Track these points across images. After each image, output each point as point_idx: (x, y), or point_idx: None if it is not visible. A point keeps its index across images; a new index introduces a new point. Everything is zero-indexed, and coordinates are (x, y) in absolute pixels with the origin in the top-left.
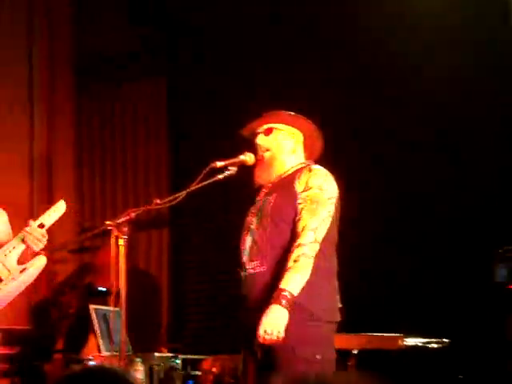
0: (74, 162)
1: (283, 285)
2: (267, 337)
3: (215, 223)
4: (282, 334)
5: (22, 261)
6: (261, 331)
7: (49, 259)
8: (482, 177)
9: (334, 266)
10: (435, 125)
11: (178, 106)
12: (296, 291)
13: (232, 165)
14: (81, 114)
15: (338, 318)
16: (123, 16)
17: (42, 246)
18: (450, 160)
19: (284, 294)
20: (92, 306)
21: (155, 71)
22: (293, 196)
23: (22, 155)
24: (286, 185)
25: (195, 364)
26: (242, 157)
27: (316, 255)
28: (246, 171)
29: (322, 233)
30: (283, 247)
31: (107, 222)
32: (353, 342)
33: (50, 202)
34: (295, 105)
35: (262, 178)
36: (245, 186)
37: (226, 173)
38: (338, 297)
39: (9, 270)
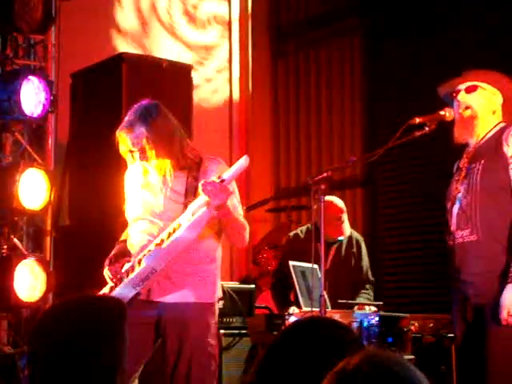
0: (271, 124)
1: None
2: (511, 319)
3: (411, 182)
4: None
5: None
6: (504, 314)
7: (248, 218)
8: None
9: None
10: None
11: (372, 67)
12: None
13: (431, 121)
14: (276, 77)
15: None
16: None
17: (218, 201)
18: None
19: None
20: (291, 263)
21: (349, 32)
22: (503, 160)
23: (222, 119)
24: (493, 148)
25: (394, 322)
26: (441, 112)
27: None
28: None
29: None
30: (497, 214)
31: (307, 180)
32: None
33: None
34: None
35: (462, 136)
36: (443, 144)
37: (424, 129)
38: None
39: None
